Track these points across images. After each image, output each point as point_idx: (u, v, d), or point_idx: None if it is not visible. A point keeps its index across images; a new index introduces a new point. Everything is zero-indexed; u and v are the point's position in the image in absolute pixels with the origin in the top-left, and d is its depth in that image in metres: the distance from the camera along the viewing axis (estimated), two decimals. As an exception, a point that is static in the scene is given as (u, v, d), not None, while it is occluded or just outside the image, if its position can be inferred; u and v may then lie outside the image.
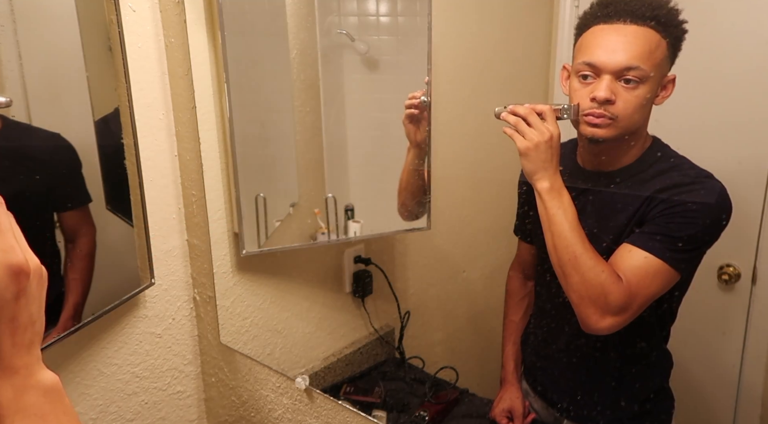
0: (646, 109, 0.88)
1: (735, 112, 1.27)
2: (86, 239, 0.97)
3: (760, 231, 1.27)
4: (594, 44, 0.89)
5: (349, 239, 1.27)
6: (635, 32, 0.86)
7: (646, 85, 0.85)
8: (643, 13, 0.86)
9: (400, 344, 1.42)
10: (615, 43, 0.87)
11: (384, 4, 1.18)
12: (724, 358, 1.34)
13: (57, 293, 0.92)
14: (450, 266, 1.57)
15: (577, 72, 0.89)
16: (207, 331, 1.22)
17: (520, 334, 1.20)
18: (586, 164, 1.00)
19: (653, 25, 0.86)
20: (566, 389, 1.06)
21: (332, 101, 1.19)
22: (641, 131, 0.91)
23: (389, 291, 1.38)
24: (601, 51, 0.87)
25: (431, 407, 1.25)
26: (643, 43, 0.86)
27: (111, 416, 1.10)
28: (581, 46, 0.90)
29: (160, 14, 1.07)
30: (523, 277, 1.23)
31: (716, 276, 1.13)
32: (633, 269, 0.86)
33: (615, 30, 0.87)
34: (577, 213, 0.98)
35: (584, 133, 0.90)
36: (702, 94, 1.30)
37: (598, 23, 0.89)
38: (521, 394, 1.14)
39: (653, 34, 0.86)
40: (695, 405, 1.36)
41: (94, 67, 0.95)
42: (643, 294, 0.87)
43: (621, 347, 0.99)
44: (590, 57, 0.87)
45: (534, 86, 1.21)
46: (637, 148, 0.94)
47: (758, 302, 1.30)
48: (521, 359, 1.18)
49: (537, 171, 0.88)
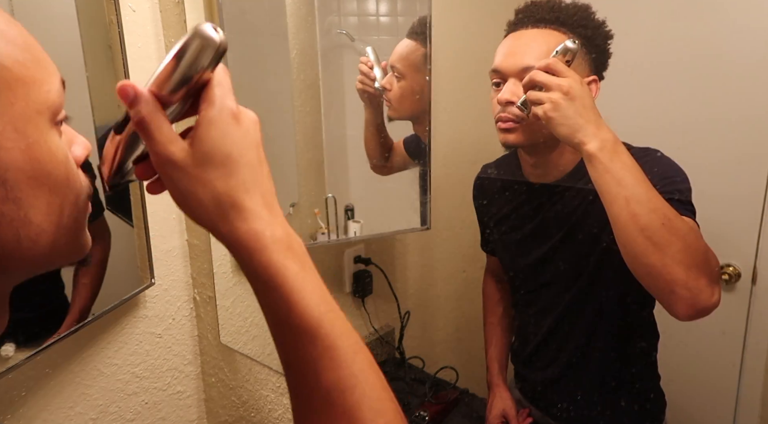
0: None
1: (735, 112, 1.27)
2: (100, 247, 0.96)
3: (760, 231, 1.28)
4: (499, 52, 0.91)
5: (349, 239, 1.27)
6: (533, 35, 0.88)
7: None
8: (542, 16, 0.87)
9: (400, 344, 1.42)
10: (514, 47, 0.89)
11: (384, 4, 1.18)
12: (724, 358, 1.34)
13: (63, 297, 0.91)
14: (450, 266, 1.57)
15: (491, 81, 0.91)
16: (207, 331, 1.22)
17: (501, 336, 1.20)
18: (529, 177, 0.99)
19: (555, 27, 0.87)
20: (563, 395, 1.06)
21: (332, 101, 1.19)
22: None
23: (389, 291, 1.38)
24: (503, 56, 0.89)
25: (431, 407, 1.25)
26: (541, 43, 0.86)
27: (111, 416, 1.10)
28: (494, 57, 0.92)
29: (160, 14, 1.07)
30: (497, 281, 1.24)
31: (716, 276, 1.13)
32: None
33: (517, 36, 0.90)
34: (541, 228, 0.96)
35: (501, 141, 0.90)
36: (702, 95, 1.30)
37: (509, 33, 0.92)
38: (509, 394, 1.14)
39: (556, 34, 0.86)
40: (695, 405, 1.36)
41: (94, 67, 0.95)
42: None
43: (621, 348, 0.99)
44: (495, 63, 0.90)
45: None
46: (571, 153, 0.91)
47: (758, 302, 1.30)
48: (506, 360, 1.19)
49: (574, 134, 0.72)
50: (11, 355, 0.81)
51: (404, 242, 1.47)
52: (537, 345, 1.07)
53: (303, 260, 0.42)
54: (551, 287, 1.00)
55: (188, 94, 0.41)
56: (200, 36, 0.39)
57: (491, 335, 1.21)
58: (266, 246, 0.41)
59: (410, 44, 1.13)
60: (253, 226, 0.41)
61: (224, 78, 0.42)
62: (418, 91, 1.12)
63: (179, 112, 0.43)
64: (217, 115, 0.41)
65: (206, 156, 0.40)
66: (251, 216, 0.41)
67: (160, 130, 0.40)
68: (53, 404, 0.98)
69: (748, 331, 1.31)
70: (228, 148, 0.41)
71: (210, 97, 0.41)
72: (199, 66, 0.40)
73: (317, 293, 0.42)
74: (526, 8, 0.90)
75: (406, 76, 1.12)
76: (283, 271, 0.41)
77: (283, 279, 0.41)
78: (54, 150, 0.38)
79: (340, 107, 1.21)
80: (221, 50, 0.40)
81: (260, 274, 0.41)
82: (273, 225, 0.42)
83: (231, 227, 0.41)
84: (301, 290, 0.41)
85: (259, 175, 0.43)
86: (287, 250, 0.42)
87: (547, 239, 0.97)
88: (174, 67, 0.39)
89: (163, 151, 0.40)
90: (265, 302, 0.42)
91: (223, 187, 0.41)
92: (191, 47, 0.39)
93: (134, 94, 0.40)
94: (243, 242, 0.41)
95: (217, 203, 0.41)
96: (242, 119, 0.42)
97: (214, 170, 0.41)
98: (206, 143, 0.40)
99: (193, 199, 0.42)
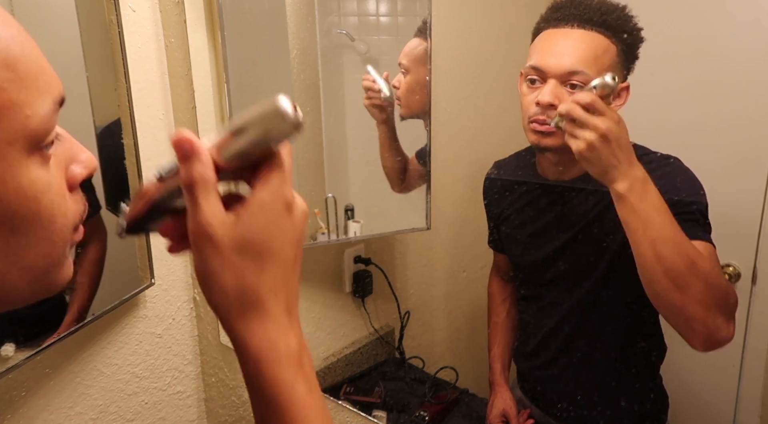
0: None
1: (734, 112, 1.27)
2: (96, 246, 0.96)
3: (760, 231, 1.27)
4: (541, 48, 0.87)
5: (349, 239, 1.27)
6: (581, 36, 0.84)
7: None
8: (590, 17, 0.84)
9: (400, 344, 1.42)
10: (560, 47, 0.85)
11: (384, 4, 1.18)
12: (724, 357, 1.34)
13: (60, 296, 0.91)
14: (450, 266, 1.57)
15: (526, 76, 0.88)
16: (207, 331, 1.22)
17: (505, 335, 1.19)
18: (546, 174, 0.98)
19: (601, 30, 0.84)
20: (564, 394, 1.06)
21: (332, 101, 1.19)
22: None
23: (389, 291, 1.38)
24: (546, 55, 0.86)
25: (431, 407, 1.25)
26: (588, 47, 0.83)
27: (111, 416, 1.10)
28: (531, 51, 0.88)
29: (160, 14, 1.07)
30: (503, 280, 1.23)
31: (716, 276, 1.12)
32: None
33: (562, 34, 0.86)
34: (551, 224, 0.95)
35: (530, 140, 0.88)
36: (702, 95, 1.30)
37: (548, 28, 0.88)
38: (511, 394, 1.14)
39: (601, 38, 0.84)
40: (695, 405, 1.36)
41: (94, 67, 0.95)
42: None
43: (622, 348, 0.99)
44: (536, 61, 0.86)
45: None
46: None
47: (758, 302, 1.30)
48: (509, 360, 1.18)
49: (605, 173, 0.73)
50: (11, 355, 0.81)
51: (404, 242, 1.47)
52: (538, 343, 1.07)
53: (311, 380, 0.40)
54: (559, 284, 0.99)
55: (244, 165, 0.38)
56: (279, 113, 0.36)
57: (495, 335, 1.20)
58: (278, 360, 0.39)
59: (416, 41, 1.15)
60: (269, 334, 0.39)
61: (287, 160, 0.39)
62: (423, 83, 1.15)
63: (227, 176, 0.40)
64: (270, 203, 0.38)
65: (246, 242, 0.37)
66: (270, 321, 0.39)
67: (208, 199, 0.37)
68: (53, 404, 0.98)
69: (748, 331, 1.31)
70: (271, 241, 0.38)
71: (268, 179, 0.38)
72: (269, 142, 0.37)
73: (320, 422, 0.40)
74: (572, 5, 0.86)
75: (411, 69, 1.15)
76: (291, 393, 0.39)
77: (289, 402, 0.39)
78: (24, 185, 0.33)
79: (340, 107, 1.21)
80: (296, 131, 0.37)
81: (265, 388, 0.39)
82: (289, 335, 0.40)
83: (246, 327, 0.39)
84: (305, 419, 0.39)
85: (291, 275, 0.41)
86: (298, 367, 0.39)
87: (560, 234, 0.96)
88: (241, 136, 0.37)
89: (203, 223, 0.37)
90: (263, 414, 0.40)
91: (252, 281, 0.38)
92: (266, 121, 0.36)
93: (191, 149, 0.36)
94: (254, 349, 0.39)
95: (241, 295, 0.38)
96: (294, 211, 0.40)
97: (249, 260, 0.38)
98: (250, 229, 0.37)
99: (217, 281, 0.38)
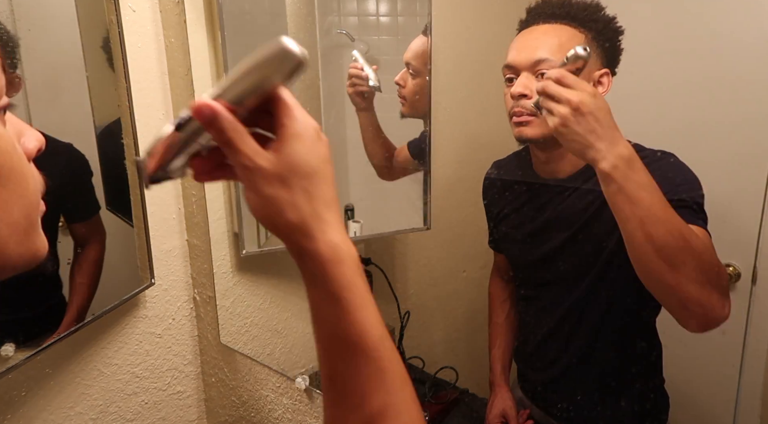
0: None
1: (735, 112, 1.27)
2: (95, 246, 0.97)
3: (760, 231, 1.27)
4: (511, 48, 0.92)
5: (349, 239, 1.27)
6: (545, 29, 0.89)
7: None
8: (554, 12, 0.89)
9: (400, 344, 1.42)
10: (526, 41, 0.90)
11: (384, 4, 1.18)
12: (724, 357, 1.34)
13: (60, 296, 0.91)
14: (450, 266, 1.57)
15: (504, 77, 0.92)
16: (207, 331, 1.22)
17: (506, 336, 1.20)
18: (540, 173, 0.99)
19: (566, 22, 0.88)
20: (564, 394, 1.06)
21: (332, 101, 1.19)
22: None
23: (389, 291, 1.38)
24: (515, 52, 0.90)
25: (431, 407, 1.25)
26: (552, 37, 0.88)
27: (111, 417, 1.10)
28: (507, 54, 0.93)
29: (160, 14, 1.07)
30: (503, 280, 1.23)
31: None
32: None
33: (528, 32, 0.91)
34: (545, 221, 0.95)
35: (515, 135, 0.90)
36: (702, 94, 1.30)
37: (521, 30, 0.93)
38: (511, 395, 1.14)
39: (566, 29, 0.88)
40: (695, 405, 1.36)
41: (94, 67, 0.95)
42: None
43: (622, 348, 0.99)
44: (507, 59, 0.91)
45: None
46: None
47: (758, 302, 1.30)
48: (510, 360, 1.18)
49: (585, 150, 0.68)
50: (11, 355, 0.81)
51: (404, 242, 1.47)
52: (538, 344, 1.07)
53: (365, 280, 0.44)
54: (558, 283, 1.00)
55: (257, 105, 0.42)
56: (282, 49, 0.38)
57: (496, 335, 1.20)
58: (343, 260, 0.42)
59: (423, 39, 1.13)
60: (332, 238, 0.42)
61: (294, 99, 0.43)
62: (427, 83, 1.14)
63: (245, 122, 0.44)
64: (304, 131, 0.42)
65: (294, 166, 0.41)
66: (330, 228, 0.42)
67: (245, 144, 0.41)
68: (53, 404, 0.98)
69: (748, 331, 1.31)
70: (314, 162, 0.42)
71: (292, 114, 0.42)
72: (275, 80, 0.40)
73: (377, 315, 0.43)
74: (537, 6, 0.91)
75: (421, 72, 1.12)
76: (353, 287, 0.42)
77: (352, 295, 0.41)
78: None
79: (340, 107, 1.21)
80: (301, 67, 0.39)
81: (329, 286, 0.41)
82: (347, 240, 0.43)
83: (309, 237, 0.42)
84: (365, 308, 0.42)
85: (335, 191, 0.44)
86: (357, 267, 0.43)
87: (558, 234, 0.96)
88: (250, 77, 0.40)
89: (251, 164, 0.41)
90: (323, 313, 0.43)
91: (306, 198, 0.42)
92: (271, 59, 0.39)
93: (212, 113, 0.39)
94: (320, 252, 0.42)
95: (299, 212, 0.42)
96: (323, 137, 0.44)
97: (300, 180, 0.42)
98: (293, 156, 0.41)
99: (275, 205, 0.42)
